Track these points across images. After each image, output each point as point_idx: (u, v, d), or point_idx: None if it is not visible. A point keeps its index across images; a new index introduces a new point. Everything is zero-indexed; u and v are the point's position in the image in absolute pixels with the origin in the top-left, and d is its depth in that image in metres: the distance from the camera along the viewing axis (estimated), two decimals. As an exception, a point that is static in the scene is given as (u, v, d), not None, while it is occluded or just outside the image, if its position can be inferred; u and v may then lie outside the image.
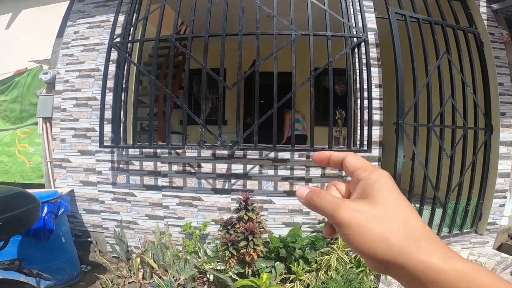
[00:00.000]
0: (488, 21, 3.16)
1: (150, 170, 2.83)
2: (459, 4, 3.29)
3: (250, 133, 2.49)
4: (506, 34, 3.15)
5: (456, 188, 2.84)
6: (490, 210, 2.96)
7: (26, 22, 6.74)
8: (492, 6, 3.22)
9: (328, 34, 2.49)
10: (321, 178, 2.65)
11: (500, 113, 2.86)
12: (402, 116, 2.45)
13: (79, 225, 3.12)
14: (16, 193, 1.67)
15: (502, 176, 2.92)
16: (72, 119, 3.00)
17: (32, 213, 1.75)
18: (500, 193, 2.95)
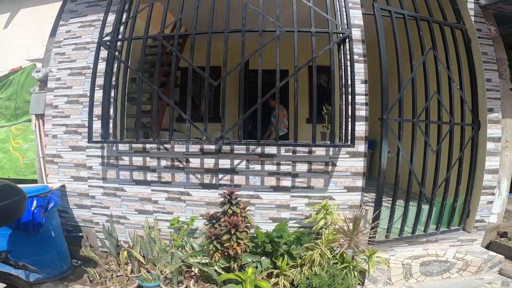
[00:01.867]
0: (476, 17, 3.17)
1: (140, 165, 2.87)
2: (447, 0, 3.31)
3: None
4: (494, 30, 3.15)
5: (442, 184, 2.84)
6: (478, 207, 2.96)
7: (24, 22, 6.84)
8: (480, 2, 3.21)
9: (312, 30, 2.52)
10: (307, 173, 2.68)
11: (487, 109, 2.86)
12: (386, 111, 2.47)
13: (70, 220, 3.17)
14: (2, 186, 1.72)
15: (490, 172, 2.92)
16: (64, 115, 3.05)
17: (18, 206, 1.79)
18: (488, 189, 2.95)
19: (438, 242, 2.97)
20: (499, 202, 3.07)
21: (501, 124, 2.91)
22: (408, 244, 2.87)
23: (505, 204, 3.15)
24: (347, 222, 2.50)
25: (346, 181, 2.70)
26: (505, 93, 2.96)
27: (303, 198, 2.73)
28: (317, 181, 2.69)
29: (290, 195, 2.73)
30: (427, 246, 2.94)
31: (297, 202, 2.74)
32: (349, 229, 2.46)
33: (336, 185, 2.70)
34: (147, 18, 2.80)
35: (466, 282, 2.65)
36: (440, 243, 2.98)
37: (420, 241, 2.91)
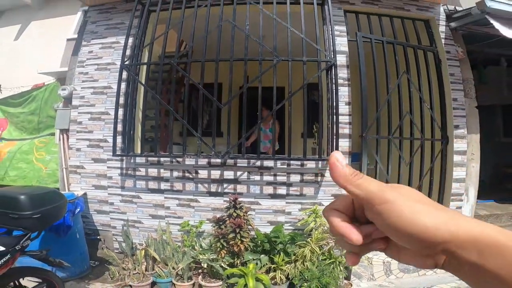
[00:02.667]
0: (446, 40, 3.61)
1: (154, 176, 3.27)
2: (423, 24, 3.76)
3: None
4: (461, 51, 3.58)
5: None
6: None
7: (34, 34, 7.16)
8: (450, 24, 3.67)
9: (304, 59, 2.97)
10: (300, 183, 3.10)
11: (454, 126, 3.31)
12: (365, 129, 2.92)
13: (89, 224, 3.50)
14: (51, 191, 2.09)
15: (458, 181, 3.34)
16: (87, 131, 3.46)
17: (61, 208, 2.13)
18: (456, 196, 3.36)
19: None
20: (468, 207, 3.46)
21: (467, 139, 3.35)
22: None
23: (474, 209, 3.54)
24: None
25: (333, 190, 3.13)
26: (470, 111, 3.42)
27: (296, 204, 3.15)
28: (309, 189, 3.12)
29: (285, 202, 3.14)
30: None
31: (292, 207, 3.15)
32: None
33: (324, 193, 3.13)
34: (163, 46, 3.23)
35: (439, 278, 3.00)
36: None
37: None
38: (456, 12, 3.69)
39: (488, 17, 3.21)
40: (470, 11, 3.40)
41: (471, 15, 3.38)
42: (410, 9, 3.71)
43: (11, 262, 1.77)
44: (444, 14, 3.77)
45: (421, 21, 3.77)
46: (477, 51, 4.13)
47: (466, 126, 3.35)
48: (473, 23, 3.52)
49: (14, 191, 1.95)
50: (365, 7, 3.63)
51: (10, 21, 7.59)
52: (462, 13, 3.55)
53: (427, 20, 3.76)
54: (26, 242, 1.82)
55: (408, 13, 3.69)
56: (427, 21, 3.77)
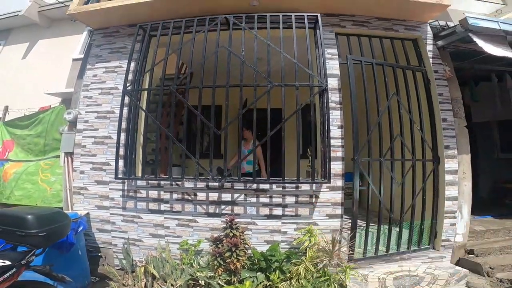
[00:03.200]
0: (434, 59, 3.67)
1: (155, 198, 3.39)
2: (411, 44, 3.85)
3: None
4: (449, 70, 3.63)
5: (409, 210, 3.33)
6: (443, 229, 3.40)
7: (41, 52, 7.38)
8: (437, 43, 3.73)
9: (296, 84, 3.11)
10: (295, 204, 3.21)
11: (444, 146, 3.38)
12: (357, 152, 3.03)
13: (91, 242, 3.62)
14: (56, 212, 2.25)
15: (450, 199, 3.39)
16: (91, 154, 3.60)
17: (66, 227, 2.27)
18: (449, 213, 3.41)
19: (411, 260, 3.38)
20: (462, 224, 3.49)
21: (457, 159, 3.41)
22: (384, 261, 3.28)
23: (468, 225, 3.57)
24: (328, 243, 3.00)
25: (328, 210, 3.22)
26: (460, 131, 3.49)
27: (292, 224, 3.24)
28: (303, 210, 3.22)
29: (281, 222, 3.24)
30: (401, 263, 3.33)
31: (287, 227, 3.24)
32: (329, 249, 2.97)
33: (319, 213, 3.22)
34: (163, 70, 3.38)
35: (435, 294, 3.05)
36: (413, 260, 3.38)
37: (395, 259, 3.32)
38: (442, 31, 3.77)
39: (471, 34, 3.26)
40: (455, 29, 3.47)
41: (456, 33, 3.46)
42: (398, 29, 3.80)
43: (16, 276, 1.88)
44: (431, 33, 3.85)
45: (409, 40, 3.85)
46: (467, 68, 4.18)
47: (456, 146, 3.42)
48: (459, 41, 3.58)
49: (22, 211, 2.11)
50: (356, 29, 3.74)
51: (19, 39, 7.84)
52: (448, 31, 3.63)
53: (415, 39, 3.85)
54: (31, 258, 1.95)
55: (397, 33, 3.79)
56: (415, 40, 3.85)
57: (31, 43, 7.65)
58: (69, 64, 6.27)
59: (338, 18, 3.80)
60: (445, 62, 3.72)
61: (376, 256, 3.28)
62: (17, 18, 7.49)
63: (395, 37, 3.81)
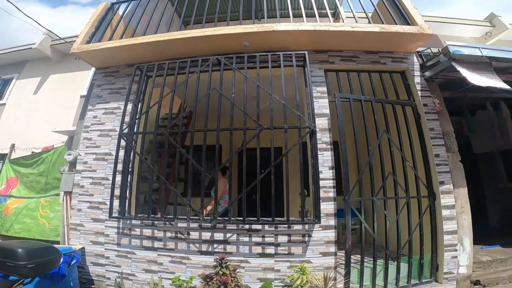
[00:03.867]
0: (422, 91, 3.62)
1: (148, 235, 3.44)
2: (399, 76, 3.86)
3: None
4: (438, 103, 3.57)
5: (407, 245, 3.26)
6: (444, 262, 3.30)
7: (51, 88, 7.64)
8: (425, 74, 3.69)
9: (285, 127, 3.17)
10: (288, 243, 3.19)
11: (439, 182, 3.33)
12: (347, 193, 3.02)
13: (85, 274, 3.66)
14: (46, 246, 2.43)
15: (449, 233, 3.31)
16: (88, 194, 3.71)
17: (55, 261, 2.44)
18: (450, 247, 3.31)
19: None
20: (465, 256, 3.36)
21: (454, 194, 3.33)
22: None
23: (471, 257, 3.43)
24: (321, 281, 2.94)
25: (321, 248, 3.18)
26: (454, 166, 3.42)
27: (285, 262, 3.21)
28: (296, 249, 3.19)
29: (274, 260, 3.21)
30: None
31: (280, 265, 3.21)
32: (322, 286, 2.90)
33: (312, 251, 3.19)
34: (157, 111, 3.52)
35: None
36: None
37: None
38: (427, 61, 3.74)
39: (455, 64, 3.18)
40: (439, 59, 3.41)
41: (441, 63, 3.39)
42: (386, 62, 3.85)
43: (3, 301, 2.11)
44: (418, 64, 3.85)
45: (397, 73, 3.88)
46: (460, 98, 4.14)
47: (451, 181, 3.37)
48: (445, 70, 3.50)
49: (15, 244, 2.30)
50: (344, 65, 3.83)
51: (31, 73, 8.15)
52: (433, 61, 3.59)
53: (402, 71, 3.87)
54: (19, 287, 2.18)
55: (385, 67, 3.83)
56: (403, 73, 3.87)
57: (43, 78, 7.93)
58: (77, 101, 6.50)
59: (326, 54, 3.91)
60: (434, 94, 3.68)
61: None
62: (30, 51, 7.87)
63: (383, 70, 3.86)
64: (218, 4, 4.28)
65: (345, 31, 3.61)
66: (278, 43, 3.83)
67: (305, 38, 3.74)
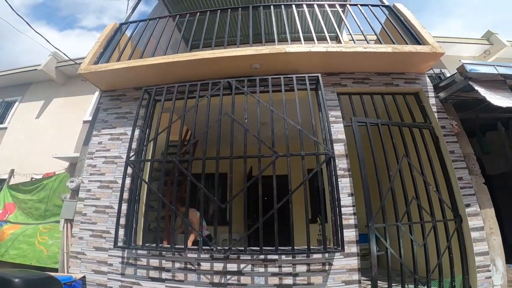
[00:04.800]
0: (439, 113, 3.55)
1: (156, 266, 3.18)
2: (413, 98, 3.79)
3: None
4: (456, 124, 3.47)
5: (436, 269, 3.01)
6: (478, 283, 3.05)
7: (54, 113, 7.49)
8: (439, 95, 3.63)
9: (302, 154, 3.04)
10: (307, 272, 2.95)
11: (465, 205, 3.16)
12: (370, 219, 2.84)
13: None
14: (46, 277, 2.26)
15: (481, 255, 3.08)
16: (91, 222, 3.48)
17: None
18: (483, 268, 3.07)
19: None
20: (498, 276, 3.13)
21: (482, 216, 3.17)
22: None
23: (506, 276, 3.19)
24: None
25: (343, 276, 2.94)
26: (479, 188, 3.27)
27: (305, 294, 2.95)
28: (316, 278, 2.95)
29: (293, 292, 2.96)
30: None
31: (300, 297, 2.95)
32: None
33: (334, 280, 2.94)
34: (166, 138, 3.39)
35: None
36: None
37: None
38: (441, 81, 3.69)
39: (472, 83, 3.11)
40: (454, 78, 3.36)
41: (456, 83, 3.33)
42: (398, 84, 3.81)
43: None
44: (431, 84, 3.81)
45: (411, 94, 3.84)
46: (472, 118, 4.06)
47: (477, 203, 3.21)
48: (460, 91, 3.43)
49: (11, 274, 2.09)
50: (357, 87, 3.79)
51: (35, 96, 8.01)
52: (447, 81, 3.54)
53: (416, 93, 3.83)
54: None
55: (398, 88, 3.79)
56: (417, 94, 3.82)
57: (46, 101, 7.80)
58: (79, 126, 6.34)
59: (338, 77, 3.88)
60: (450, 115, 3.62)
61: (403, 320, 2.91)
62: (35, 72, 7.81)
63: (397, 92, 3.81)
64: (227, 27, 4.32)
65: (358, 52, 3.60)
66: (289, 66, 3.81)
67: (317, 60, 3.73)
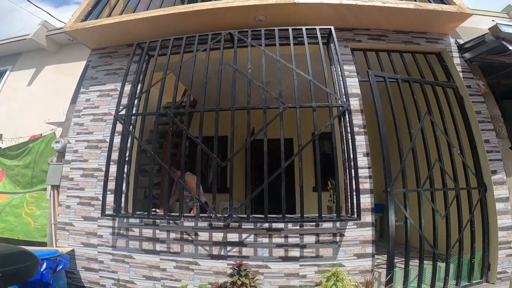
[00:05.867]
0: (464, 73, 3.31)
1: (149, 237, 2.91)
2: (435, 57, 3.50)
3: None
4: (483, 84, 3.24)
5: (456, 244, 2.80)
6: (498, 261, 2.87)
7: (47, 79, 7.20)
8: (465, 55, 3.39)
9: (313, 105, 2.68)
10: (315, 244, 2.67)
11: (491, 171, 2.88)
12: (389, 183, 2.52)
13: (76, 281, 3.16)
14: (18, 252, 1.91)
15: (504, 229, 2.86)
16: (78, 188, 3.18)
17: (30, 269, 1.93)
18: (504, 244, 2.87)
19: None
20: None
21: (508, 184, 2.89)
22: None
23: None
24: (360, 287, 2.45)
25: (356, 249, 2.68)
26: (505, 153, 2.99)
27: (312, 267, 2.70)
28: (326, 250, 2.68)
29: (299, 264, 2.70)
30: None
31: (306, 270, 2.70)
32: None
33: (345, 253, 2.68)
34: (160, 92, 3.03)
35: None
36: None
37: None
38: (468, 42, 3.43)
39: (505, 42, 2.90)
40: (484, 39, 3.12)
41: (485, 43, 3.10)
42: (419, 42, 3.49)
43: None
44: (455, 45, 3.53)
45: (432, 54, 3.53)
46: (493, 84, 3.79)
47: (503, 170, 2.90)
48: (487, 52, 3.19)
49: None
50: (373, 44, 3.43)
51: (26, 65, 7.72)
52: (475, 42, 3.28)
53: (438, 52, 3.53)
54: None
55: (418, 47, 3.47)
56: (439, 54, 3.53)
57: (37, 69, 7.52)
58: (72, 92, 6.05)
59: (352, 33, 3.51)
60: (476, 76, 3.31)
61: (418, 295, 2.69)
62: (25, 42, 7.43)
63: (417, 51, 3.49)
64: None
65: (376, 6, 3.21)
66: (298, 19, 3.39)
67: (329, 13, 3.31)
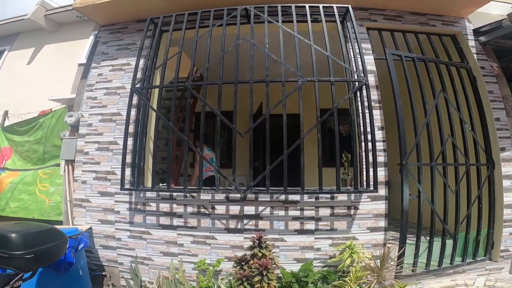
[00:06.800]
0: (478, 55, 3.38)
1: (166, 211, 2.96)
2: (450, 40, 3.56)
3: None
4: (496, 66, 3.33)
5: (464, 220, 2.91)
6: (502, 239, 2.99)
7: (47, 58, 7.10)
8: (480, 39, 3.45)
9: (331, 79, 2.70)
10: (330, 216, 2.75)
11: (500, 148, 2.97)
12: (405, 156, 2.59)
13: (94, 260, 3.21)
14: (48, 229, 1.88)
15: (509, 207, 2.97)
16: (94, 162, 3.18)
17: (60, 247, 1.93)
18: (509, 222, 2.98)
19: (465, 273, 2.97)
20: None
21: (515, 162, 2.99)
22: (435, 276, 2.88)
23: None
24: (374, 259, 2.56)
25: (369, 222, 2.76)
26: (514, 131, 3.08)
27: (326, 240, 2.79)
28: (340, 223, 2.77)
29: (314, 237, 2.79)
30: (454, 277, 2.94)
31: (321, 243, 2.79)
32: (376, 266, 2.51)
33: (359, 226, 2.77)
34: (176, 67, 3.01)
35: None
36: (468, 273, 2.98)
37: (447, 273, 2.92)
38: (483, 26, 3.49)
39: None
40: (501, 23, 3.16)
41: (502, 28, 3.14)
42: (435, 24, 3.51)
43: (-1, 302, 1.59)
44: (471, 28, 3.58)
45: (447, 36, 3.57)
46: (502, 67, 3.86)
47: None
48: (502, 37, 3.28)
49: (6, 228, 1.75)
50: (388, 24, 3.43)
51: (24, 45, 7.57)
52: (491, 26, 3.34)
53: (453, 35, 3.57)
54: (17, 283, 1.66)
55: (434, 29, 3.49)
56: (454, 36, 3.57)
57: (37, 48, 7.40)
58: (75, 70, 5.98)
59: (368, 12, 3.50)
60: (490, 58, 3.39)
61: (427, 270, 2.84)
62: (23, 22, 7.27)
63: (433, 32, 3.51)
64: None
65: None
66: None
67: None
